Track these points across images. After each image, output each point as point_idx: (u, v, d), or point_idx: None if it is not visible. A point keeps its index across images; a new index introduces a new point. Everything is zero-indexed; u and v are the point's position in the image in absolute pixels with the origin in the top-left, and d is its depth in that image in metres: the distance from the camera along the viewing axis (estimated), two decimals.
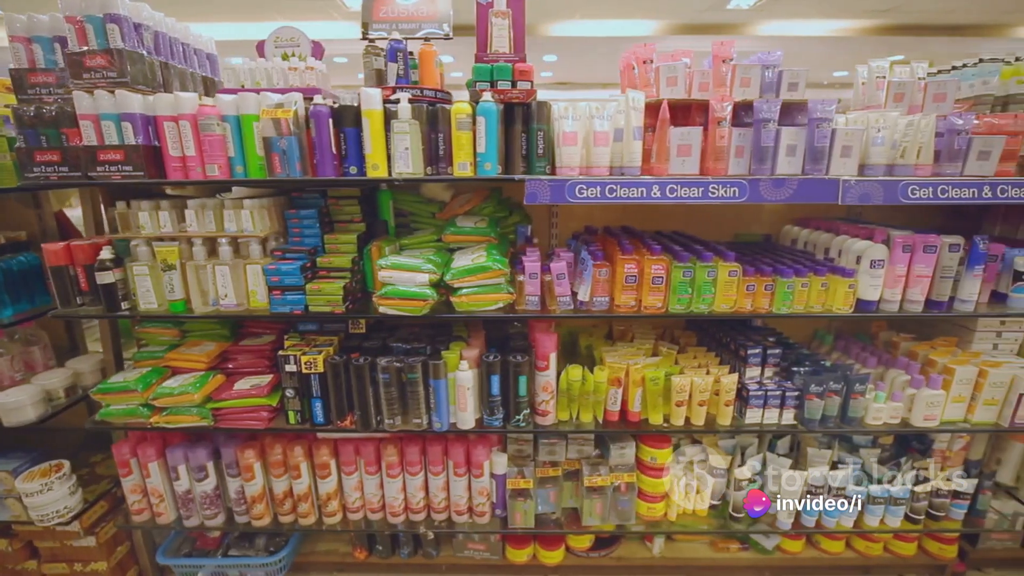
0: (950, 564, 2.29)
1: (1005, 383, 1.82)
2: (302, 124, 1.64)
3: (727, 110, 1.55)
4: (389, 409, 1.81)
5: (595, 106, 1.57)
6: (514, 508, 1.97)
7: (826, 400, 1.83)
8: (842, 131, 1.55)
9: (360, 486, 2.00)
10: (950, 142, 1.57)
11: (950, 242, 1.68)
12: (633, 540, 2.36)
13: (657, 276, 1.67)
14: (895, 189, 1.55)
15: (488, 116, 1.59)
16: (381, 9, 1.91)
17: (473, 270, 1.68)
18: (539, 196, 1.57)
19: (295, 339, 1.94)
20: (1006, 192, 1.56)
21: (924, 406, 1.84)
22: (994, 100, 1.75)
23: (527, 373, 1.80)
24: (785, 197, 1.56)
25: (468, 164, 1.63)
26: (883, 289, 1.72)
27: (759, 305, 1.73)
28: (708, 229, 2.33)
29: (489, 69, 1.66)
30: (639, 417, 1.89)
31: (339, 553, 2.34)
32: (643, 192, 1.55)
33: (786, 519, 1.99)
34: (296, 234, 1.87)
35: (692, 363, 1.97)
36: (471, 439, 1.99)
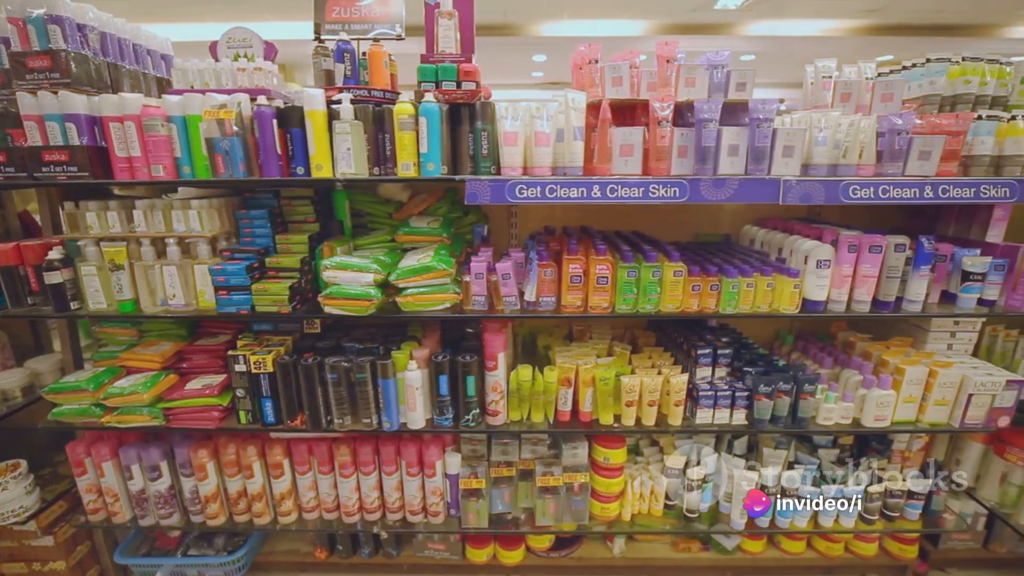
0: (911, 564, 2.29)
1: (955, 383, 1.82)
2: (247, 125, 1.64)
3: (668, 110, 1.55)
4: (339, 409, 1.81)
5: (535, 106, 1.57)
6: (467, 508, 1.97)
7: (776, 400, 1.83)
8: (783, 131, 1.55)
9: (314, 486, 2.01)
10: (891, 142, 1.56)
11: (896, 242, 1.68)
12: (595, 540, 2.36)
13: (602, 276, 1.67)
14: (836, 189, 1.55)
15: (430, 116, 1.59)
16: (333, 10, 1.91)
17: (418, 270, 1.68)
18: (479, 196, 1.57)
19: (248, 339, 1.94)
20: (948, 192, 1.56)
21: (874, 406, 1.84)
22: (942, 100, 1.75)
23: (475, 373, 1.80)
24: (726, 197, 1.56)
25: (411, 164, 1.63)
26: (830, 289, 1.72)
27: (706, 305, 1.73)
28: (670, 229, 2.34)
29: (434, 69, 1.66)
30: (590, 417, 1.90)
31: (300, 553, 2.34)
32: (583, 192, 1.55)
33: (739, 519, 1.99)
34: (247, 234, 1.87)
35: (646, 363, 1.97)
36: (424, 439, 1.99)
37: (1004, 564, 2.36)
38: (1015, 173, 1.60)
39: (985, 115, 1.58)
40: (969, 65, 1.69)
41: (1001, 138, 1.58)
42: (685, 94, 1.66)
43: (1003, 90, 1.75)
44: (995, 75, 1.72)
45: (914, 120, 1.58)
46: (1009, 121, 1.57)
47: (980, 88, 1.72)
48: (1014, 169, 1.60)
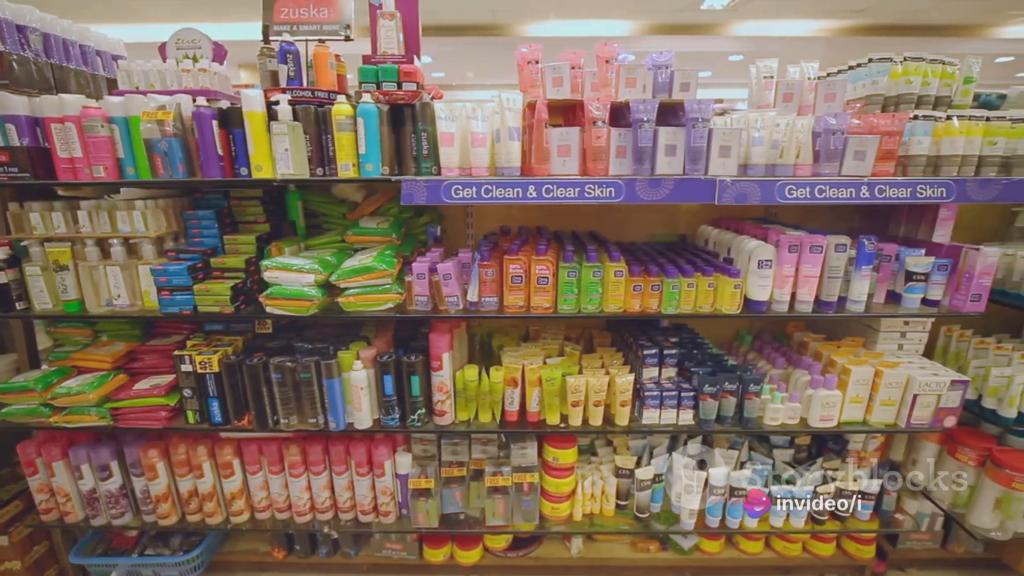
0: (869, 564, 2.28)
1: (901, 383, 1.81)
2: (188, 126, 1.64)
3: (603, 110, 1.55)
4: (284, 408, 1.82)
5: (471, 107, 1.57)
6: (416, 508, 1.98)
7: (721, 400, 1.83)
8: (719, 131, 1.55)
9: (266, 486, 2.01)
10: (827, 142, 1.57)
11: (837, 242, 1.68)
12: (554, 540, 2.36)
13: (542, 276, 1.68)
14: (772, 189, 1.55)
15: (367, 117, 1.59)
16: (282, 11, 1.91)
17: (359, 270, 1.68)
18: (415, 196, 1.57)
19: (199, 339, 1.95)
20: (884, 192, 1.56)
21: (820, 407, 1.84)
22: (884, 100, 1.74)
23: (420, 373, 1.80)
24: (662, 197, 1.56)
25: (351, 165, 1.64)
26: (773, 289, 1.72)
27: (648, 305, 1.73)
28: (628, 229, 2.34)
29: (374, 70, 1.66)
30: (538, 417, 1.90)
31: (259, 552, 2.34)
32: (519, 192, 1.55)
33: (688, 519, 1.99)
34: (195, 235, 1.87)
35: (596, 364, 1.97)
36: (374, 439, 1.99)
37: (963, 564, 2.36)
38: (952, 173, 1.60)
39: (921, 115, 1.58)
40: (911, 65, 1.69)
41: (938, 138, 1.58)
42: (626, 94, 1.67)
43: (946, 90, 1.75)
44: (937, 75, 1.71)
45: (849, 120, 1.58)
46: (945, 121, 1.56)
47: (923, 88, 1.71)
48: (951, 169, 1.59)
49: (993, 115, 1.59)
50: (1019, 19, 6.99)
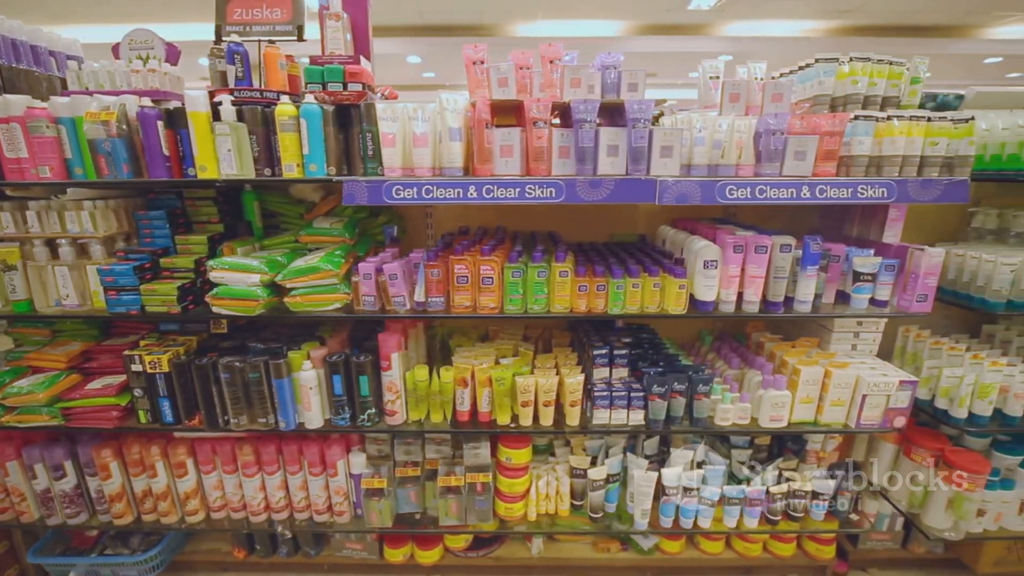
0: (829, 564, 2.28)
1: (850, 384, 1.81)
2: (134, 126, 1.65)
3: (543, 111, 1.55)
4: (234, 408, 1.82)
5: (412, 107, 1.57)
6: (369, 507, 1.98)
7: (671, 401, 1.83)
8: (660, 131, 1.55)
9: (220, 485, 2.01)
10: (768, 142, 1.57)
11: (781, 243, 1.68)
12: (516, 540, 2.36)
13: (487, 276, 1.68)
14: (712, 189, 1.55)
15: (310, 118, 1.60)
16: (235, 12, 1.92)
17: (305, 271, 1.69)
18: (356, 197, 1.57)
19: (152, 339, 1.95)
20: (825, 192, 1.56)
21: (770, 407, 1.84)
22: (831, 101, 1.74)
23: (369, 373, 1.81)
24: (602, 197, 1.56)
25: (295, 165, 1.64)
26: (719, 289, 1.72)
27: (594, 305, 1.73)
28: (587, 229, 2.35)
29: (320, 71, 1.67)
30: (489, 417, 1.90)
31: (221, 552, 2.35)
32: (459, 193, 1.56)
33: (641, 519, 1.99)
34: (147, 235, 1.88)
35: (549, 364, 1.97)
36: (330, 439, 1.99)
37: (924, 564, 2.36)
38: (894, 173, 1.60)
39: (862, 116, 1.57)
40: (857, 66, 1.68)
41: (880, 138, 1.58)
42: (571, 95, 1.67)
43: (894, 91, 1.74)
44: (884, 76, 1.71)
45: (789, 120, 1.58)
46: (885, 121, 1.56)
47: (870, 89, 1.71)
48: (893, 169, 1.59)
49: (935, 115, 1.58)
50: (1007, 20, 6.98)
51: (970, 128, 1.57)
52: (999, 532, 2.02)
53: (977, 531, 1.99)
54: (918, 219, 2.26)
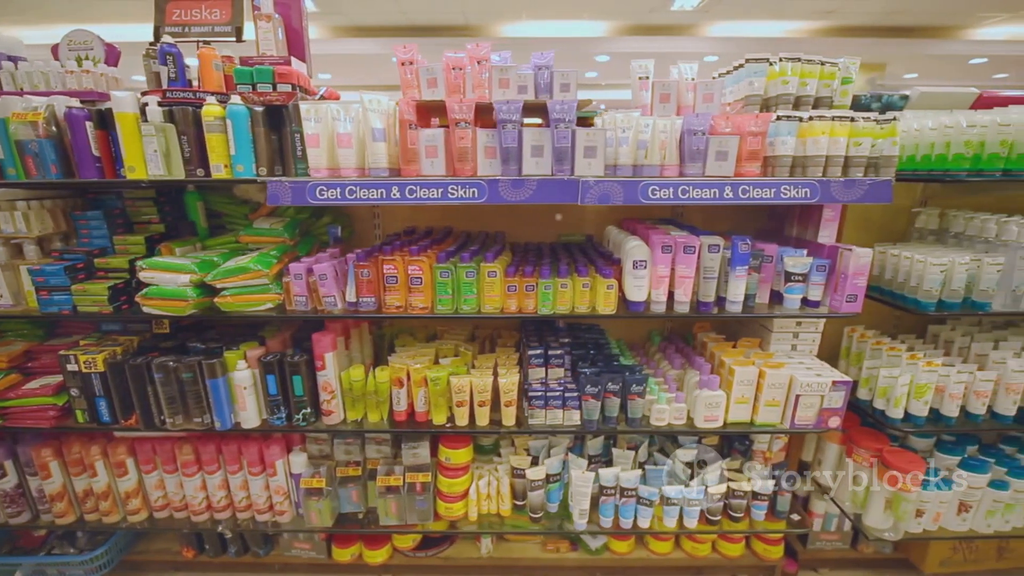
0: (778, 564, 2.28)
1: (784, 384, 1.81)
2: (63, 127, 1.65)
3: (464, 111, 1.56)
4: (170, 408, 1.82)
5: (336, 108, 1.58)
6: (308, 507, 1.98)
7: (605, 401, 1.83)
8: (582, 132, 1.55)
9: (161, 484, 2.02)
10: (690, 143, 1.57)
11: (709, 243, 1.68)
12: (466, 540, 2.36)
13: (415, 277, 1.68)
14: (635, 189, 1.56)
15: (236, 119, 1.60)
16: (174, 13, 1.93)
17: (235, 271, 1.69)
18: (280, 197, 1.58)
19: (92, 339, 1.96)
20: (748, 193, 1.56)
21: (704, 407, 1.84)
22: (762, 101, 1.74)
23: (303, 373, 1.81)
24: (525, 198, 1.56)
25: (222, 166, 1.65)
26: (649, 290, 1.72)
27: (523, 306, 1.73)
28: (536, 229, 2.35)
29: (249, 72, 1.67)
30: (426, 417, 1.90)
31: (171, 552, 2.35)
32: (382, 194, 1.56)
33: (580, 519, 1.99)
34: (85, 235, 1.88)
35: (489, 364, 1.97)
36: (272, 438, 2.00)
37: (873, 564, 2.36)
38: (818, 173, 1.60)
39: (784, 115, 1.57)
40: (787, 66, 1.68)
41: (803, 138, 1.58)
42: (499, 95, 1.67)
43: (826, 91, 1.75)
44: (814, 76, 1.71)
45: (714, 120, 1.58)
46: (807, 121, 1.56)
47: (800, 89, 1.71)
48: (817, 170, 1.59)
49: (858, 116, 1.59)
50: (991, 21, 6.98)
51: (893, 128, 1.57)
52: (939, 532, 2.02)
53: (917, 531, 1.99)
54: (866, 220, 2.28)
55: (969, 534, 2.02)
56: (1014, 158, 1.63)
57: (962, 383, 1.84)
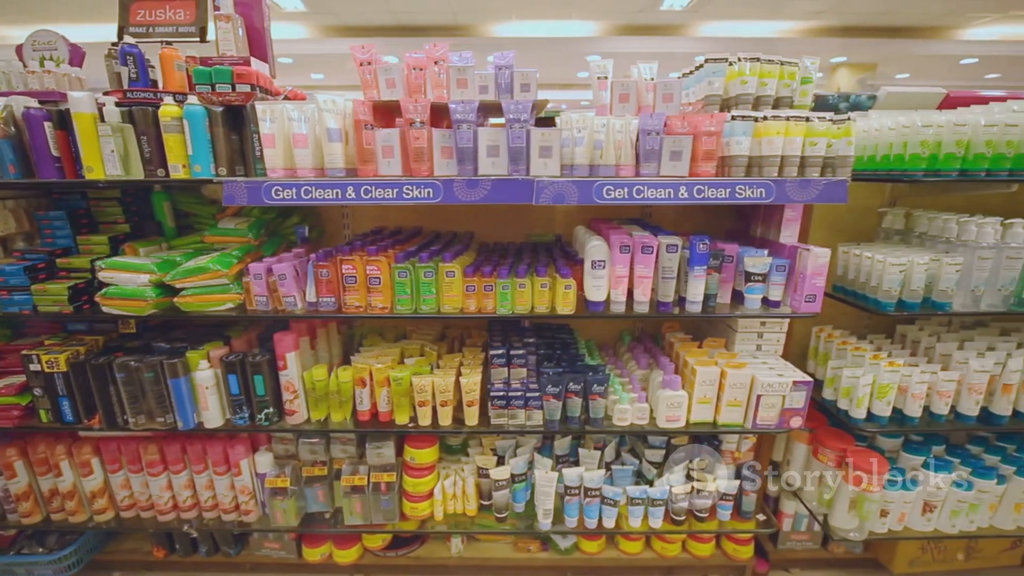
0: (749, 564, 2.28)
1: (746, 384, 1.81)
2: (22, 127, 1.66)
3: (419, 111, 1.56)
4: (132, 408, 1.83)
5: (292, 108, 1.58)
6: (273, 506, 1.99)
7: (566, 401, 1.83)
8: (537, 132, 1.55)
9: (127, 484, 2.02)
10: (645, 143, 1.57)
11: (667, 243, 1.68)
12: (437, 539, 2.36)
13: (374, 277, 1.68)
14: (590, 189, 1.56)
15: (192, 119, 1.61)
16: (138, 13, 1.93)
17: (194, 271, 1.70)
18: (236, 198, 1.58)
19: (57, 338, 1.96)
20: (703, 192, 1.57)
21: (666, 407, 1.84)
22: (722, 101, 1.74)
23: (265, 373, 1.81)
24: (480, 198, 1.56)
25: (180, 166, 1.65)
26: (609, 290, 1.72)
27: (483, 306, 1.73)
28: (506, 229, 2.36)
29: (208, 72, 1.68)
30: (389, 417, 1.90)
31: (142, 551, 2.35)
32: (338, 194, 1.56)
33: (544, 519, 2.00)
34: (48, 235, 1.89)
35: (454, 364, 1.97)
36: (238, 438, 2.00)
37: (844, 564, 2.36)
38: (773, 173, 1.60)
39: (739, 115, 1.58)
40: (746, 66, 1.68)
41: (758, 138, 1.58)
42: (458, 95, 1.68)
43: (786, 91, 1.75)
44: (774, 76, 1.71)
45: (670, 120, 1.58)
46: (761, 121, 1.57)
47: (760, 89, 1.71)
48: (772, 169, 1.59)
49: (814, 116, 1.59)
50: (981, 21, 6.98)
51: (848, 129, 1.58)
52: (904, 532, 2.02)
53: (882, 531, 1.99)
54: (835, 220, 2.28)
55: (934, 534, 2.02)
56: (970, 158, 1.63)
57: (924, 383, 1.84)
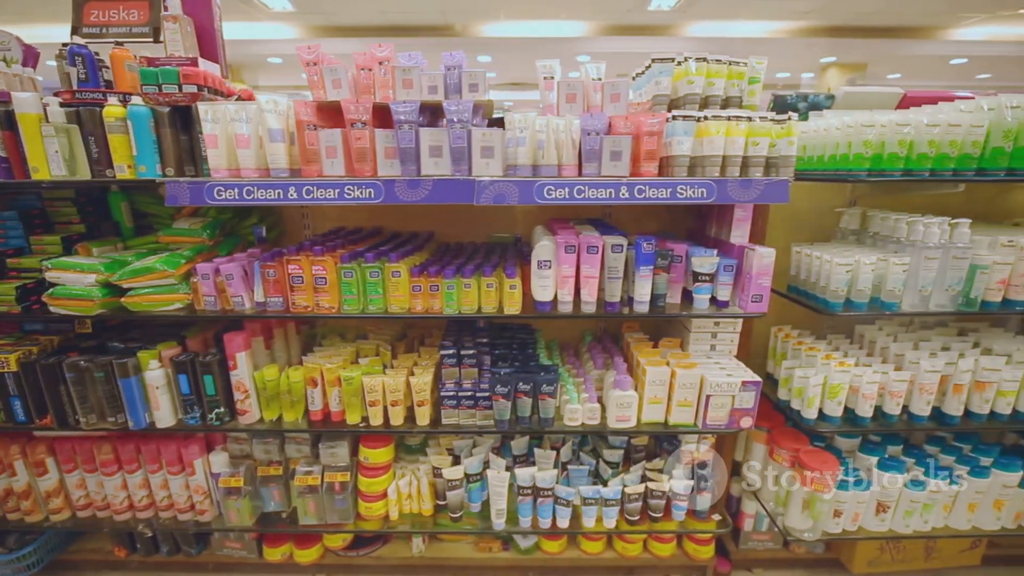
0: (710, 564, 2.28)
1: (695, 384, 1.81)
2: None
3: (360, 112, 1.56)
4: (83, 407, 1.83)
5: (235, 108, 1.58)
6: (227, 506, 1.99)
7: (516, 401, 1.83)
8: (478, 132, 1.56)
9: (83, 484, 2.03)
10: (586, 143, 1.57)
11: (612, 243, 1.68)
12: (400, 539, 2.36)
13: (319, 277, 1.69)
14: (531, 189, 1.56)
15: (136, 119, 1.61)
16: (91, 13, 1.93)
17: (140, 271, 1.70)
18: (179, 198, 1.58)
19: (12, 338, 1.97)
20: (644, 192, 1.57)
21: (615, 407, 1.84)
22: (669, 101, 1.75)
23: (215, 372, 1.82)
24: (421, 198, 1.57)
25: (126, 166, 1.66)
26: (556, 289, 1.72)
27: (429, 306, 1.74)
28: (468, 229, 2.36)
29: (154, 72, 1.68)
30: (342, 417, 1.90)
31: (105, 551, 2.36)
32: (280, 194, 1.57)
33: (497, 519, 2.00)
34: (0, 235, 1.89)
35: (408, 363, 1.98)
36: (196, 437, 2.00)
37: (806, 564, 2.36)
38: (715, 173, 1.60)
39: (680, 115, 1.58)
40: (692, 66, 1.68)
41: (700, 138, 1.58)
42: (404, 95, 1.68)
43: (735, 90, 1.75)
44: (722, 76, 1.71)
45: (613, 120, 1.58)
46: (702, 121, 1.57)
47: (708, 88, 1.71)
48: (714, 169, 1.59)
49: (756, 115, 1.59)
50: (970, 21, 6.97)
51: (790, 128, 1.57)
52: (859, 532, 2.01)
53: (836, 531, 1.99)
54: (796, 220, 2.28)
55: (889, 534, 2.02)
56: (914, 158, 1.63)
57: (875, 383, 1.84)
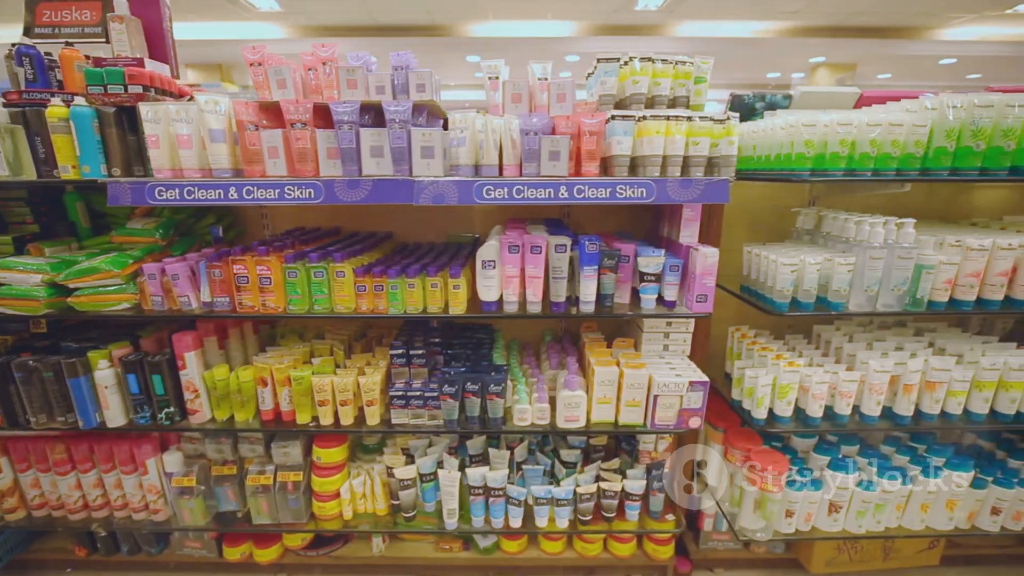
0: (669, 564, 2.28)
1: (643, 384, 1.81)
2: None
3: (302, 112, 1.56)
4: (32, 407, 1.84)
5: (176, 110, 1.58)
6: (180, 505, 1.99)
7: (464, 401, 1.83)
8: (418, 132, 1.56)
9: (37, 483, 2.03)
10: (525, 143, 1.57)
11: (556, 243, 1.68)
12: (360, 539, 2.37)
13: (264, 277, 1.69)
14: (470, 189, 1.56)
15: (79, 120, 1.61)
16: (44, 14, 1.94)
17: (86, 271, 1.70)
18: (120, 198, 1.59)
19: None
20: (583, 192, 1.57)
21: (564, 407, 1.84)
22: (615, 101, 1.75)
23: (164, 372, 1.82)
24: (361, 198, 1.57)
25: (70, 167, 1.66)
26: (501, 289, 1.73)
27: (375, 306, 1.74)
28: (429, 229, 2.36)
29: (99, 73, 1.68)
30: (292, 416, 1.91)
31: (67, 550, 2.36)
32: (220, 194, 1.57)
33: (449, 519, 2.00)
34: None
35: (361, 363, 1.98)
36: (150, 436, 2.01)
37: (767, 564, 2.36)
38: (655, 173, 1.60)
39: (619, 115, 1.58)
40: (637, 66, 1.69)
41: (640, 138, 1.58)
42: (348, 95, 1.68)
43: (682, 90, 1.75)
44: (668, 75, 1.71)
45: (554, 120, 1.59)
46: (640, 121, 1.57)
47: (654, 88, 1.71)
48: (654, 169, 1.60)
49: (696, 115, 1.59)
50: (958, 21, 6.96)
51: (730, 128, 1.58)
52: (812, 532, 2.01)
53: (789, 531, 1.99)
54: (754, 220, 2.28)
55: (842, 534, 2.01)
56: (856, 158, 1.63)
57: (825, 383, 1.84)
